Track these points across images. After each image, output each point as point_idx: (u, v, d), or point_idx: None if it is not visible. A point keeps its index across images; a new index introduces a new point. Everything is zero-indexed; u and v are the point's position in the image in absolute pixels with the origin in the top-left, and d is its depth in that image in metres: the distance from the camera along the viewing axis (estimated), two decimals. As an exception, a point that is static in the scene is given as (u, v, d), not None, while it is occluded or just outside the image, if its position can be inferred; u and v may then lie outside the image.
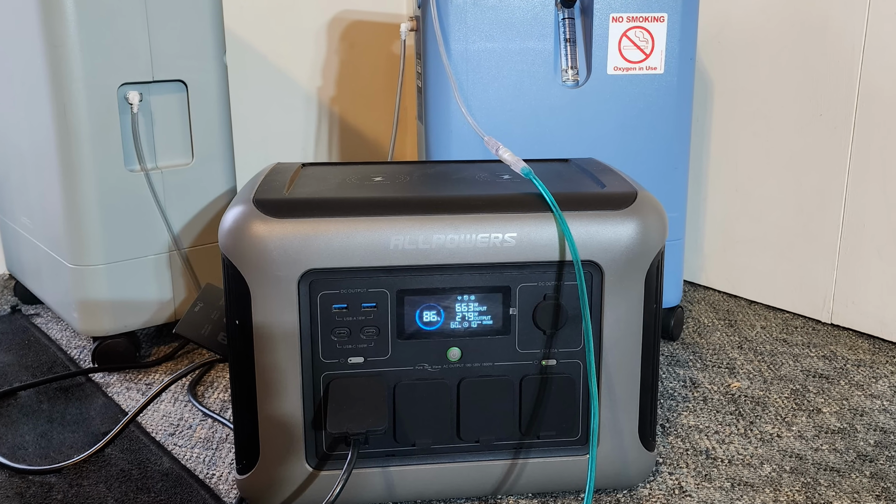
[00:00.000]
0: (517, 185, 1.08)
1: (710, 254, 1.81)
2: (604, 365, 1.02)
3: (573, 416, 1.05)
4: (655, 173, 1.45)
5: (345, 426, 0.95)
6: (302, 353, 0.99)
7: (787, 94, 1.63)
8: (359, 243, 0.96)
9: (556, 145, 1.41)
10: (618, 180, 1.09)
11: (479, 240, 0.97)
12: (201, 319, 1.23)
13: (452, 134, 1.38)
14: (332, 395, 0.99)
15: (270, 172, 1.13)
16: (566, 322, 1.02)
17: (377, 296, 0.99)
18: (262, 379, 0.98)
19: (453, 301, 1.00)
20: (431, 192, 1.05)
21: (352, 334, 1.00)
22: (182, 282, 1.46)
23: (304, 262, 0.96)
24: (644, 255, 1.00)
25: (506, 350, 1.02)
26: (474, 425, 1.03)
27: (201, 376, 1.40)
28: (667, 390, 1.36)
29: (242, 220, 0.96)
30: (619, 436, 1.04)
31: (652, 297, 1.02)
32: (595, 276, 1.00)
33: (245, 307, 0.97)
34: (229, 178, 1.49)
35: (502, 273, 1.00)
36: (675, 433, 1.23)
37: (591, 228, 0.99)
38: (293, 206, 0.97)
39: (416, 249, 0.97)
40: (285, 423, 0.99)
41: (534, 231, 0.98)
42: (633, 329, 1.02)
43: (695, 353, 1.50)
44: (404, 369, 1.01)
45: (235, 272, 0.96)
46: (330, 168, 1.21)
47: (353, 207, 0.97)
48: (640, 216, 1.00)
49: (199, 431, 1.23)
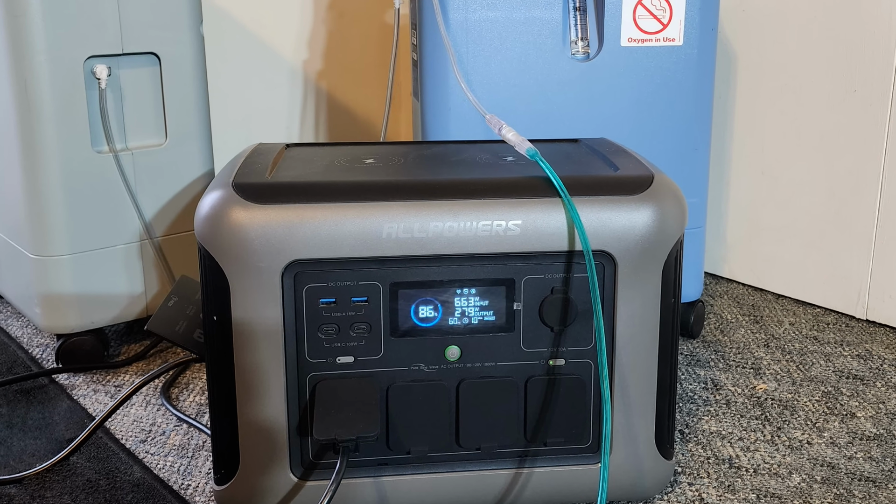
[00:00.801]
0: (522, 167, 1.08)
1: (734, 243, 1.81)
2: (617, 365, 1.02)
3: (583, 421, 1.05)
4: (674, 155, 1.45)
5: (333, 432, 0.95)
6: (286, 352, 0.99)
7: (817, 68, 1.63)
8: (348, 231, 0.96)
9: (565, 124, 1.41)
10: (632, 162, 1.09)
11: (480, 228, 0.97)
12: (176, 315, 1.23)
13: (451, 112, 1.38)
14: (320, 397, 0.99)
15: (251, 154, 1.13)
16: (576, 318, 1.02)
17: (368, 289, 0.99)
18: (243, 380, 0.98)
19: (452, 295, 1.00)
20: (428, 176, 1.05)
21: (341, 331, 1.00)
22: (155, 274, 1.46)
23: (288, 253, 0.96)
24: (661, 245, 1.00)
25: (509, 349, 1.02)
26: (475, 431, 1.03)
27: (176, 377, 1.40)
28: (686, 393, 1.36)
29: (220, 206, 0.96)
30: (633, 443, 1.05)
31: (670, 291, 1.03)
32: (607, 267, 1.00)
33: (223, 302, 0.97)
34: (206, 160, 1.48)
35: (506, 264, 1.00)
36: (696, 440, 1.23)
37: (602, 215, 0.99)
38: (276, 191, 0.97)
39: (411, 238, 0.97)
40: (268, 429, 0.99)
41: (540, 218, 0.98)
42: (650, 326, 1.02)
43: (717, 353, 1.50)
44: (398, 370, 1.01)
45: (213, 263, 0.96)
46: (317, 149, 1.21)
47: (342, 192, 0.97)
48: (656, 202, 1.00)
49: (173, 438, 1.23)
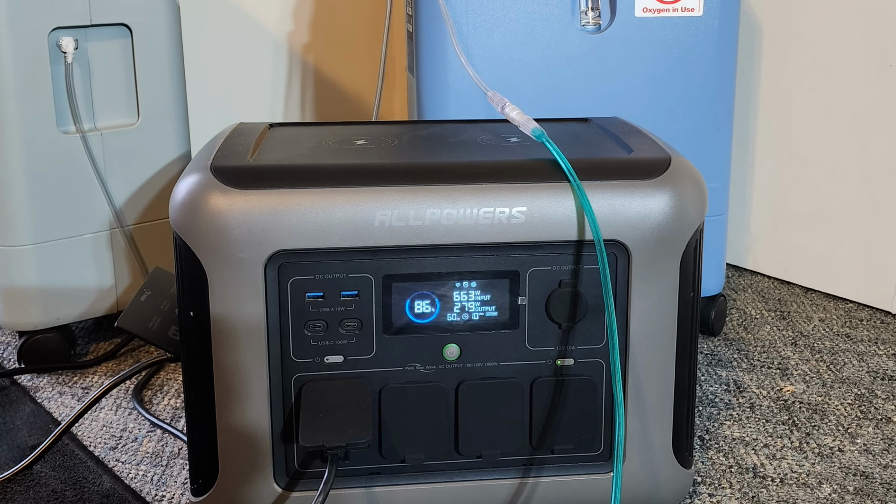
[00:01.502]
0: (527, 149, 1.08)
1: (759, 232, 1.81)
2: (631, 365, 1.02)
3: (594, 426, 1.05)
4: (693, 135, 1.45)
5: (321, 438, 0.95)
6: (269, 350, 0.99)
7: (850, 41, 1.62)
8: (337, 219, 0.96)
9: (574, 102, 1.41)
10: (648, 144, 1.09)
11: (481, 215, 0.97)
12: (149, 310, 1.23)
13: (449, 88, 1.38)
14: (306, 400, 0.99)
15: (232, 134, 1.13)
16: (586, 314, 1.02)
17: (359, 282, 0.99)
18: (222, 382, 0.98)
19: (451, 288, 1.00)
20: (424, 158, 1.05)
21: (329, 328, 1.00)
22: (126, 265, 1.46)
23: (271, 242, 0.95)
24: (679, 234, 1.00)
25: (513, 347, 1.02)
26: (476, 437, 1.03)
27: (149, 379, 1.40)
28: (706, 395, 1.36)
29: (198, 191, 0.96)
30: (649, 450, 1.05)
31: (689, 284, 1.03)
32: (620, 258, 1.00)
33: (201, 296, 0.97)
34: (182, 141, 1.48)
35: (509, 255, 1.00)
36: (717, 447, 1.23)
37: (615, 201, 0.99)
38: (259, 175, 0.97)
39: (405, 227, 0.97)
40: (249, 435, 0.99)
41: (547, 205, 0.98)
42: (667, 322, 1.02)
43: (740, 351, 1.50)
44: (392, 370, 1.01)
45: (189, 254, 0.96)
46: (303, 129, 1.21)
47: (330, 176, 0.97)
48: (674, 187, 1.00)
49: (146, 445, 1.23)
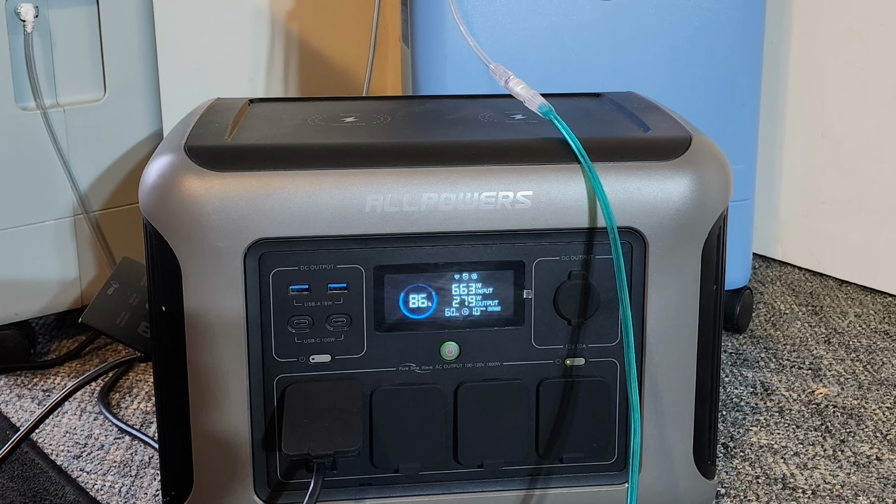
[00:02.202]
0: (533, 127, 1.08)
1: (788, 219, 1.81)
2: (647, 365, 1.03)
3: (607, 432, 1.05)
4: (716, 112, 1.45)
5: (306, 446, 0.95)
6: (249, 349, 0.99)
7: (889, 8, 1.62)
8: (324, 204, 0.96)
9: (585, 75, 1.41)
10: (666, 121, 1.09)
11: (482, 200, 0.97)
12: (116, 305, 1.23)
13: (447, 60, 1.38)
14: (290, 404, 0.99)
15: (208, 111, 1.13)
16: (598, 308, 1.02)
17: (349, 274, 0.99)
18: (197, 383, 0.99)
19: (449, 281, 1.01)
20: (420, 138, 1.05)
21: (315, 325, 1.00)
22: (91, 255, 1.46)
23: (251, 230, 0.95)
24: (701, 221, 1.00)
25: (518, 346, 1.02)
26: (476, 444, 1.04)
27: (116, 380, 1.40)
28: (731, 399, 1.36)
29: (170, 173, 0.96)
30: (667, 459, 1.05)
31: (711, 276, 1.03)
32: (636, 247, 1.00)
33: (174, 289, 0.97)
34: (153, 118, 1.48)
35: (514, 244, 1.00)
36: (742, 455, 1.23)
37: (630, 185, 0.99)
38: (237, 156, 0.97)
39: (399, 213, 0.97)
40: (227, 442, 1.00)
41: (555, 188, 0.98)
42: (687, 318, 1.02)
43: (767, 350, 1.50)
44: (384, 371, 1.01)
45: (161, 243, 0.96)
46: (286, 105, 1.21)
47: (316, 157, 0.97)
48: (695, 169, 1.00)
49: (113, 453, 1.23)
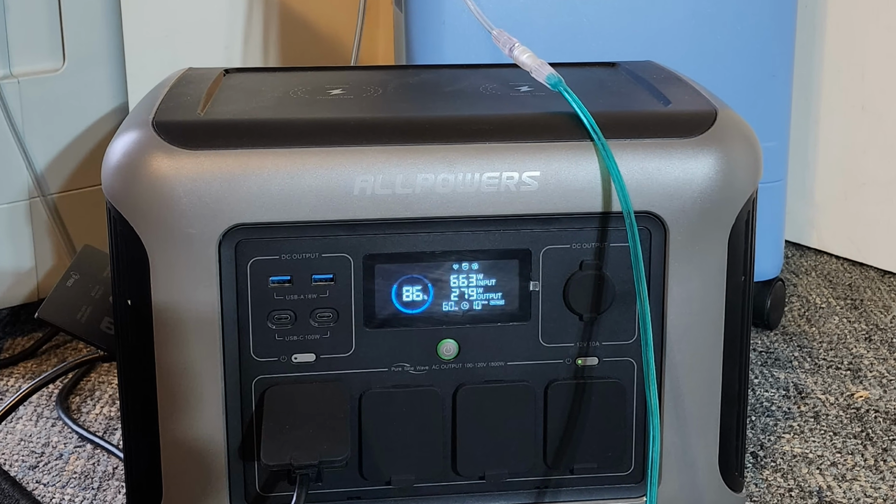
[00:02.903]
0: (540, 100, 1.08)
1: (825, 202, 1.81)
2: (668, 365, 1.03)
3: (623, 440, 1.05)
4: (744, 84, 1.45)
5: (288, 455, 0.95)
6: (225, 347, 0.99)
7: (939, -32, 1.62)
8: (308, 186, 0.96)
9: (599, 42, 1.40)
10: (688, 94, 1.09)
11: (484, 181, 0.97)
12: (77, 298, 1.23)
13: (445, 26, 1.37)
14: (270, 408, 0.99)
15: (178, 83, 1.13)
16: (612, 302, 1.02)
17: (335, 263, 0.99)
18: (167, 385, 0.98)
19: (447, 271, 1.01)
20: (414, 112, 1.04)
21: (298, 320, 1.00)
22: (48, 243, 1.45)
23: (227, 215, 0.95)
24: (727, 205, 1.00)
25: (524, 343, 1.03)
26: (478, 454, 1.04)
27: (77, 382, 1.40)
28: (760, 403, 1.36)
29: (137, 152, 0.96)
30: (690, 469, 1.05)
31: (739, 266, 1.03)
32: (655, 234, 1.01)
33: (141, 280, 0.97)
34: (118, 90, 1.48)
35: (519, 230, 1.00)
36: (774, 465, 1.23)
37: (649, 165, 0.99)
38: (211, 132, 0.97)
39: (391, 196, 0.97)
40: (200, 451, 1.00)
41: (565, 168, 0.98)
42: (712, 313, 1.02)
43: (802, 349, 1.50)
44: (375, 371, 1.02)
45: (127, 229, 0.96)
46: (265, 76, 1.21)
47: (299, 134, 0.97)
48: (721, 146, 1.00)
49: (73, 463, 1.23)
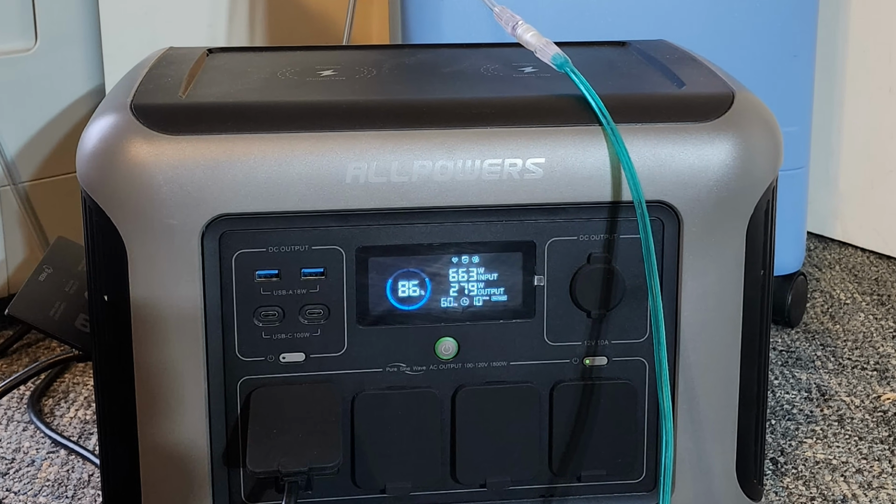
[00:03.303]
0: (545, 82, 1.08)
1: (850, 191, 1.81)
2: (682, 365, 1.03)
3: (634, 445, 1.05)
4: (763, 64, 1.45)
5: (275, 461, 0.95)
6: (208, 346, 0.99)
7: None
8: (297, 174, 0.96)
9: (607, 20, 1.40)
10: (703, 75, 1.09)
11: (485, 169, 0.97)
12: (50, 294, 1.23)
13: (444, 3, 1.37)
14: (257, 412, 0.99)
15: (158, 63, 1.13)
16: (623, 298, 1.02)
17: (326, 256, 0.99)
18: (146, 387, 0.99)
19: (446, 265, 1.01)
20: (411, 95, 1.04)
21: (286, 317, 1.00)
22: (19, 234, 1.46)
23: (210, 204, 0.95)
24: (745, 194, 1.00)
25: (528, 342, 1.03)
26: (478, 460, 1.04)
27: (50, 383, 1.40)
28: (781, 405, 1.36)
29: (114, 137, 0.96)
30: (706, 477, 1.05)
31: (758, 260, 1.03)
32: (668, 225, 1.01)
33: (118, 275, 0.97)
34: (93, 71, 1.48)
35: (522, 221, 1.00)
36: (795, 472, 1.23)
37: (661, 151, 0.99)
38: (194, 116, 0.97)
39: (386, 184, 0.97)
40: (181, 457, 1.00)
41: (572, 155, 0.98)
42: (729, 309, 1.02)
43: (825, 347, 1.50)
44: (369, 372, 1.02)
45: (103, 220, 0.96)
46: (252, 56, 1.21)
47: (287, 118, 0.97)
48: (738, 131, 1.00)
49: (46, 469, 1.23)
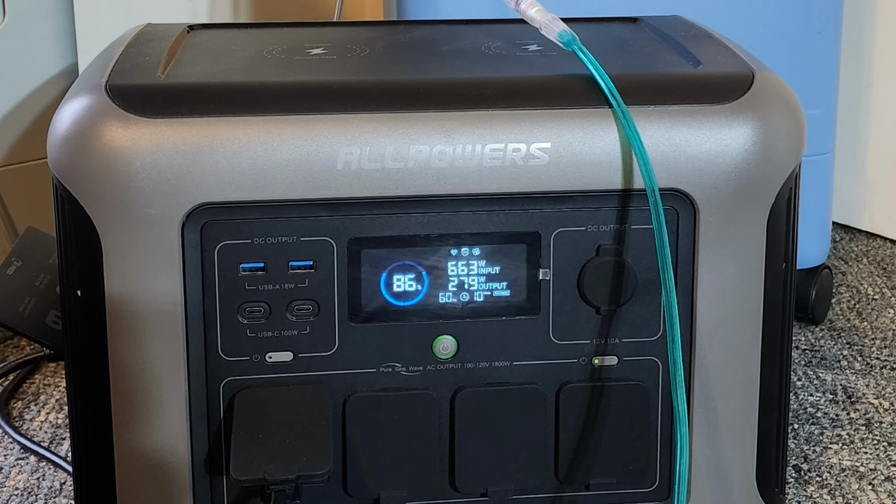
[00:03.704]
0: (551, 61, 1.08)
1: (878, 179, 1.81)
2: (698, 365, 1.03)
3: (646, 451, 1.05)
4: (785, 41, 1.45)
5: (261, 469, 0.95)
6: (189, 345, 0.99)
7: None
8: (285, 160, 0.96)
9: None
10: (721, 53, 1.09)
11: (487, 154, 0.97)
12: (19, 289, 1.23)
13: (443, -25, 1.38)
14: (241, 415, 0.99)
15: (135, 41, 1.13)
16: (634, 293, 1.02)
17: (316, 248, 0.99)
18: (122, 389, 0.99)
19: (444, 258, 1.01)
20: (407, 75, 1.04)
21: (273, 314, 1.00)
22: (-14, 226, 1.46)
23: (192, 192, 0.95)
24: (766, 181, 1.00)
25: (533, 340, 1.03)
26: (479, 467, 1.04)
27: (19, 384, 1.40)
28: (804, 408, 1.36)
29: (88, 120, 0.96)
30: (723, 485, 1.05)
31: (780, 252, 1.03)
32: (683, 215, 1.01)
33: (93, 268, 0.97)
34: (66, 49, 1.48)
35: (526, 210, 1.00)
36: (819, 480, 1.23)
37: (676, 135, 0.99)
38: (174, 98, 0.97)
39: (380, 171, 0.97)
40: (160, 464, 1.00)
41: (579, 139, 0.98)
42: (748, 305, 1.03)
43: (852, 346, 1.50)
44: (362, 373, 1.02)
45: (76, 209, 0.96)
46: (236, 33, 1.21)
47: (274, 99, 0.97)
48: (758, 114, 1.00)
49: (14, 477, 1.23)
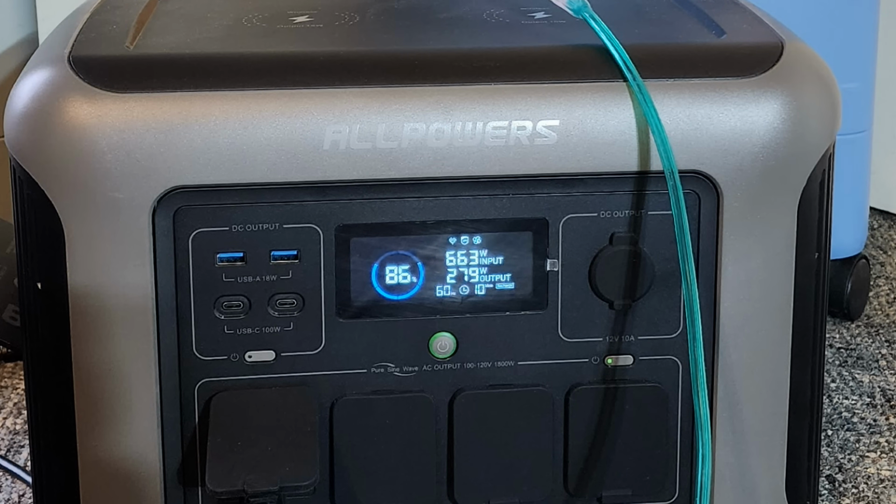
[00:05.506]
0: (560, 30, 1.08)
1: (922, 161, 1.81)
2: (721, 366, 1.03)
3: (664, 459, 1.06)
4: (817, 8, 1.45)
5: (240, 479, 0.95)
6: (160, 343, 0.99)
7: None
8: (266, 139, 0.96)
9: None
10: (748, 21, 1.09)
11: (489, 133, 0.98)
12: (-26, 282, 1.24)
13: (442, -65, 1.38)
14: (218, 420, 0.99)
15: (101, 8, 1.13)
16: (651, 286, 1.03)
17: (300, 237, 0.99)
18: (87, 391, 0.99)
19: (442, 247, 1.01)
20: (400, 45, 1.05)
21: (253, 309, 1.00)
22: (-61, 212, 1.46)
23: (163, 175, 0.96)
24: (796, 163, 1.01)
25: (540, 338, 1.03)
26: (480, 477, 1.04)
27: (-23, 387, 1.41)
28: (839, 413, 1.36)
29: (49, 95, 0.96)
30: (750, 496, 1.06)
31: (811, 241, 1.03)
32: (706, 200, 1.01)
33: (54, 258, 0.97)
34: (25, 17, 1.48)
35: (533, 195, 1.00)
36: (856, 491, 1.23)
37: (697, 112, 0.99)
38: (144, 70, 0.97)
39: (371, 151, 0.97)
40: (128, 474, 1.00)
41: (591, 117, 0.98)
42: (777, 299, 1.03)
43: (890, 345, 1.50)
44: (351, 374, 1.02)
45: (37, 193, 0.96)
46: (212, 0, 1.21)
47: (254, 72, 0.97)
48: (788, 89, 1.00)
49: (-28, 488, 1.24)
